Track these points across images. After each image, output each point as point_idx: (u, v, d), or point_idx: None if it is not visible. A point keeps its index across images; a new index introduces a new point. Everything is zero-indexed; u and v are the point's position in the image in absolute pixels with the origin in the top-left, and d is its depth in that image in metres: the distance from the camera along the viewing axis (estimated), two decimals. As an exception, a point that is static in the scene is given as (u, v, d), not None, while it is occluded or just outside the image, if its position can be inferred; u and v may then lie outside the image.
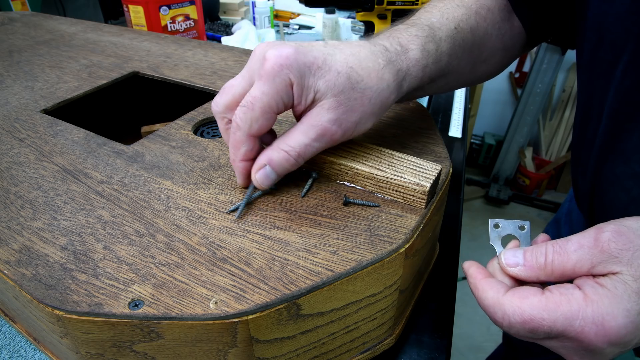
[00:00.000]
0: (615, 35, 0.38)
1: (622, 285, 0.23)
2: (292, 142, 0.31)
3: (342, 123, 0.31)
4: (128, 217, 0.32)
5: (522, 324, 0.24)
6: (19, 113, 0.47)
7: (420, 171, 0.33)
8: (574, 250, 0.25)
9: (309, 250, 0.29)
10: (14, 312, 0.33)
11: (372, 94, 0.31)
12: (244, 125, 0.30)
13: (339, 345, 0.32)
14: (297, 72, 0.29)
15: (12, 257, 0.29)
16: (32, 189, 0.35)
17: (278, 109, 0.30)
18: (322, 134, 0.30)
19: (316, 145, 0.31)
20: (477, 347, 1.48)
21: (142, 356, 0.27)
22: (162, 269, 0.28)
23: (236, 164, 0.33)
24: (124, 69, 0.58)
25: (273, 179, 0.32)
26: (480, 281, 0.28)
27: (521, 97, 2.00)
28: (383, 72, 0.32)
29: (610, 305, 0.23)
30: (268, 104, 0.29)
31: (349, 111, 0.31)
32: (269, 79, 0.29)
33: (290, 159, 0.31)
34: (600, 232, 0.25)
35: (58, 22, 0.80)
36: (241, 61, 0.60)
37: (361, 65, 0.31)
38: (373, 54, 0.32)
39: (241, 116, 0.30)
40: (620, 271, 0.24)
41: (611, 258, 0.24)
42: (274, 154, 0.31)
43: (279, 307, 0.26)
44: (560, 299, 0.24)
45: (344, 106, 0.30)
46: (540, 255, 0.26)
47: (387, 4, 0.59)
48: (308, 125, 0.30)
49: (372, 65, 0.32)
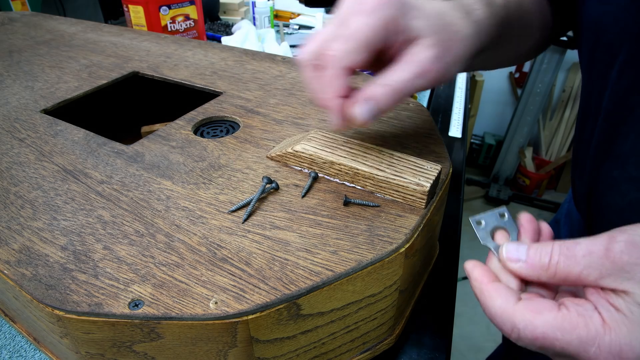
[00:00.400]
0: (612, 36, 0.38)
1: (637, 309, 0.21)
2: (394, 77, 0.29)
3: (440, 62, 0.30)
4: (128, 217, 0.32)
5: (533, 340, 0.23)
6: (19, 113, 0.47)
7: (420, 171, 0.33)
8: (582, 255, 0.23)
9: (309, 250, 0.29)
10: (14, 312, 0.33)
11: (462, 37, 0.32)
12: (342, 56, 0.28)
13: (339, 345, 0.32)
14: (399, 9, 0.29)
15: (12, 257, 0.29)
16: (32, 189, 0.35)
17: (376, 44, 0.29)
18: (423, 72, 0.29)
19: (417, 82, 0.30)
20: (477, 347, 1.48)
21: (142, 356, 0.27)
22: (162, 269, 0.28)
23: (330, 102, 0.30)
24: (124, 69, 0.58)
25: (374, 114, 0.30)
26: (486, 286, 0.26)
27: (521, 97, 2.00)
28: (467, 20, 0.33)
29: (629, 335, 0.21)
30: (368, 35, 0.28)
31: (446, 51, 0.30)
32: (372, 12, 0.28)
33: (393, 94, 0.29)
34: (613, 242, 0.23)
35: (58, 22, 0.80)
36: (241, 61, 0.60)
37: (449, 12, 0.32)
38: (454, 7, 0.33)
39: (339, 47, 0.29)
40: (632, 291, 0.22)
41: (622, 272, 0.22)
42: (376, 88, 0.29)
43: (279, 307, 0.26)
44: (577, 321, 0.22)
45: (441, 46, 0.30)
46: (545, 254, 0.25)
47: (387, 4, 0.59)
48: (409, 62, 0.29)
49: (457, 14, 0.32)
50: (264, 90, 0.51)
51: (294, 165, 0.37)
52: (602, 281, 0.22)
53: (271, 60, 0.60)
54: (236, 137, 0.42)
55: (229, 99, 0.49)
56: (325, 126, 0.43)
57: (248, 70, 0.57)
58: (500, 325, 0.24)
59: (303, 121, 0.44)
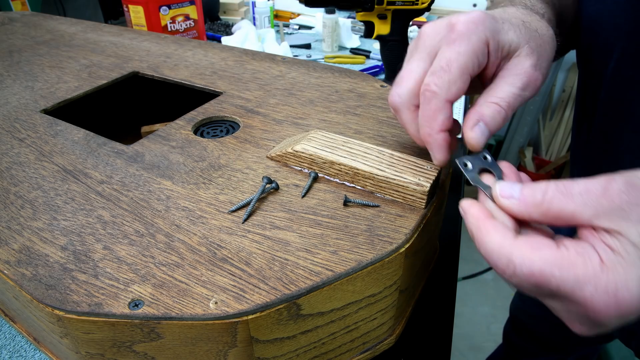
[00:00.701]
0: (607, 34, 0.38)
1: (632, 249, 0.21)
2: (500, 93, 0.29)
3: (540, 68, 0.30)
4: (128, 217, 0.32)
5: (529, 276, 0.22)
6: (19, 113, 0.47)
7: (420, 171, 0.33)
8: (578, 193, 0.22)
9: (309, 250, 0.29)
10: (14, 312, 0.33)
11: (548, 39, 0.32)
12: (441, 90, 0.29)
13: (339, 345, 0.32)
14: (491, 28, 0.29)
15: (12, 257, 0.29)
16: (32, 189, 0.35)
17: (474, 70, 0.29)
18: (528, 81, 0.30)
19: (524, 94, 0.30)
20: (477, 347, 1.47)
21: (142, 356, 0.27)
22: (162, 269, 0.28)
23: (434, 137, 0.30)
24: (124, 69, 0.58)
25: (487, 136, 0.30)
26: (483, 222, 0.25)
27: (521, 97, 2.00)
28: (544, 22, 0.33)
29: (625, 275, 0.20)
30: (465, 63, 0.28)
31: (541, 57, 0.31)
32: (464, 38, 0.28)
33: (502, 111, 0.29)
34: (612, 181, 0.22)
35: (58, 22, 0.80)
36: (241, 61, 0.60)
37: (528, 18, 0.32)
38: (528, 12, 0.34)
39: (436, 81, 0.29)
40: (626, 231, 0.21)
41: (619, 211, 0.21)
42: (484, 108, 0.29)
43: (279, 307, 0.26)
44: (576, 259, 0.21)
45: (536, 52, 0.30)
46: (539, 191, 0.24)
47: (387, 4, 0.59)
48: (512, 75, 0.30)
49: (535, 18, 0.33)
50: (264, 90, 0.51)
51: (294, 165, 0.37)
52: (596, 220, 0.22)
53: (271, 60, 0.60)
54: (236, 137, 0.42)
55: (229, 99, 0.49)
56: (325, 126, 0.43)
57: (248, 70, 0.57)
58: (495, 261, 0.23)
59: (303, 121, 0.44)
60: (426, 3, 0.57)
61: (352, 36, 1.14)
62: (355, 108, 0.46)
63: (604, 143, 0.41)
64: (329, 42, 1.09)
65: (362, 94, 0.50)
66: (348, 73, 0.55)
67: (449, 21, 0.30)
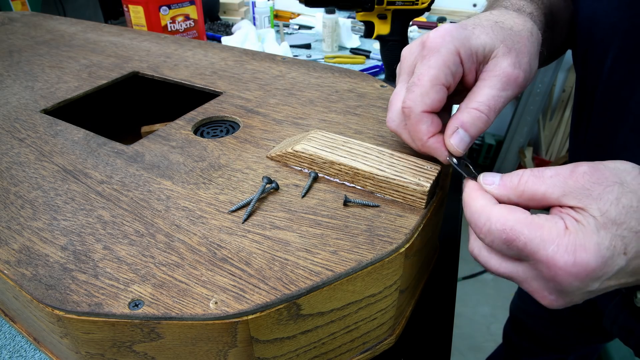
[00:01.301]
0: (603, 32, 0.38)
1: (592, 220, 0.24)
2: (480, 98, 0.30)
3: (519, 65, 0.31)
4: (128, 217, 0.32)
5: (501, 232, 0.25)
6: (19, 113, 0.47)
7: (420, 171, 0.33)
8: (549, 176, 0.25)
9: (309, 250, 0.29)
10: (14, 312, 0.33)
11: (527, 34, 0.32)
12: (415, 104, 0.30)
13: (339, 345, 0.32)
14: (460, 39, 0.30)
15: (12, 257, 0.29)
16: (32, 189, 0.35)
17: (447, 80, 0.30)
18: (507, 81, 0.30)
19: (504, 94, 0.31)
20: (477, 347, 1.47)
21: (142, 356, 0.27)
22: (162, 269, 0.28)
23: (426, 145, 0.32)
24: (124, 69, 0.58)
25: (468, 142, 0.31)
26: (475, 191, 0.28)
27: (521, 97, 2.00)
28: (522, 17, 0.34)
29: (584, 238, 0.23)
30: (436, 75, 0.30)
31: (520, 53, 0.31)
32: (434, 52, 0.30)
33: (482, 116, 0.30)
34: (578, 166, 0.25)
35: (58, 22, 0.80)
36: (241, 61, 0.60)
37: (501, 18, 0.33)
38: (501, 11, 0.35)
39: (410, 96, 0.30)
40: (588, 206, 0.24)
41: (582, 190, 0.24)
42: (464, 115, 0.30)
43: (279, 307, 0.26)
44: (544, 223, 0.24)
45: (514, 50, 0.31)
46: (515, 176, 0.27)
47: (387, 4, 0.59)
48: (490, 77, 0.31)
49: (509, 16, 0.34)
50: (264, 90, 0.51)
51: (294, 165, 0.37)
52: (564, 198, 0.25)
53: (271, 60, 0.60)
54: (236, 137, 0.42)
55: (229, 99, 0.49)
56: (325, 126, 0.43)
57: (248, 70, 0.57)
58: (475, 220, 0.26)
59: (303, 121, 0.44)
60: (426, 3, 0.57)
61: (352, 36, 1.14)
62: (355, 108, 0.46)
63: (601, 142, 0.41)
64: (329, 42, 1.09)
65: (362, 94, 0.50)
66: (348, 73, 0.55)
67: (420, 40, 0.32)
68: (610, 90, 0.39)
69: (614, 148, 0.39)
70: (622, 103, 0.38)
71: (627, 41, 0.36)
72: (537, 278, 0.25)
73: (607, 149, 0.40)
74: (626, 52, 0.37)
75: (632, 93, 0.37)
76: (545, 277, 0.24)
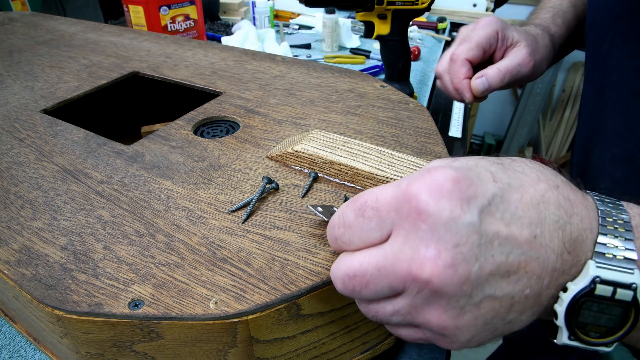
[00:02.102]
0: (602, 18, 0.40)
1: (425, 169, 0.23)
2: (502, 64, 0.45)
3: (533, 57, 0.45)
4: (128, 217, 0.32)
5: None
6: (19, 113, 0.47)
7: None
8: None
9: (309, 250, 0.29)
10: (14, 312, 0.33)
11: (544, 45, 0.48)
12: (461, 53, 0.45)
13: (339, 345, 0.32)
14: (501, 25, 0.45)
15: (12, 257, 0.29)
16: (32, 189, 0.35)
17: (485, 46, 0.45)
18: (522, 61, 0.45)
19: (519, 69, 0.44)
20: (477, 347, 1.48)
21: (142, 356, 0.27)
22: (162, 269, 0.28)
23: (461, 82, 0.45)
24: (124, 69, 0.58)
25: (485, 87, 0.44)
26: None
27: (521, 97, 2.00)
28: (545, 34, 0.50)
29: (430, 168, 0.20)
30: (479, 40, 0.45)
31: (535, 51, 0.46)
32: (483, 26, 0.45)
33: (500, 73, 0.44)
34: None
35: (58, 22, 0.80)
36: (241, 61, 0.60)
37: (533, 30, 0.49)
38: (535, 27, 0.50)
39: (459, 48, 0.45)
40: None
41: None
42: (488, 70, 0.45)
43: (279, 307, 0.26)
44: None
45: (532, 47, 0.46)
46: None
47: (387, 4, 0.59)
48: (512, 56, 0.45)
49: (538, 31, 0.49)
50: (264, 90, 0.51)
51: (294, 165, 0.37)
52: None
53: (271, 60, 0.60)
54: (236, 137, 0.42)
55: (229, 99, 0.49)
56: (325, 126, 0.43)
57: (248, 70, 0.57)
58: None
59: (303, 121, 0.44)
60: (426, 3, 0.57)
61: (352, 36, 1.14)
62: (355, 108, 0.46)
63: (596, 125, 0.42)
64: (329, 42, 1.08)
65: (362, 94, 0.50)
66: (348, 73, 0.55)
67: (476, 21, 0.47)
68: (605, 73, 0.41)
69: (606, 131, 0.41)
70: (616, 88, 0.39)
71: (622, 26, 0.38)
72: (407, 230, 0.20)
73: (601, 132, 0.42)
74: (621, 36, 0.39)
75: (621, 76, 0.39)
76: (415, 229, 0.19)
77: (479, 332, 0.21)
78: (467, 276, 0.19)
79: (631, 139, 0.39)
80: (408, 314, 0.21)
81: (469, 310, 0.20)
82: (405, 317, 0.22)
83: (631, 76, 0.38)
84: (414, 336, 0.23)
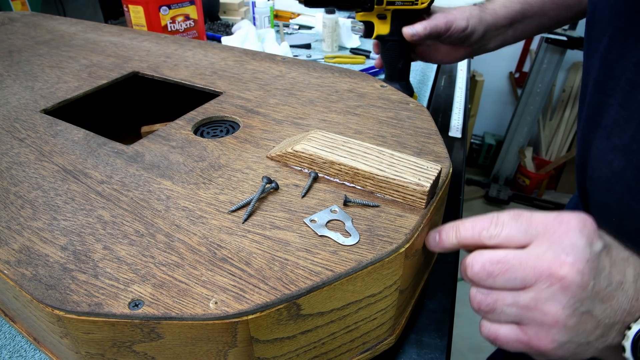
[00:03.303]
0: (602, 13, 0.40)
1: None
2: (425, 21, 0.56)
3: (445, 16, 0.55)
4: (128, 217, 0.32)
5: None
6: (19, 113, 0.47)
7: (420, 171, 0.33)
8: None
9: (309, 250, 0.29)
10: (14, 312, 0.33)
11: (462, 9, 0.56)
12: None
13: (339, 345, 0.32)
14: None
15: (12, 257, 0.29)
16: (32, 189, 0.35)
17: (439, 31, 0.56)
18: (436, 18, 0.55)
19: (432, 24, 0.55)
20: (477, 347, 1.48)
21: (142, 356, 0.27)
22: (162, 269, 0.28)
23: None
24: (124, 69, 0.58)
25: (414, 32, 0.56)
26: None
27: (521, 97, 2.00)
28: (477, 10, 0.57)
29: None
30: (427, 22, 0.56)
31: (448, 12, 0.56)
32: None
33: (422, 25, 0.56)
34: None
35: (58, 22, 0.80)
36: (241, 61, 0.60)
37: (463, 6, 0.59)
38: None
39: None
40: None
41: None
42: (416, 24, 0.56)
43: (279, 307, 0.26)
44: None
45: (446, 12, 0.56)
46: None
47: (387, 4, 0.59)
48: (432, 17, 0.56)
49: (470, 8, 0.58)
50: (264, 90, 0.51)
51: (294, 165, 0.37)
52: None
53: (271, 60, 0.60)
54: (236, 137, 0.42)
55: (229, 99, 0.49)
56: (325, 126, 0.43)
57: (248, 70, 0.57)
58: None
59: (303, 121, 0.44)
60: (426, 3, 0.57)
61: (352, 36, 1.14)
62: (355, 108, 0.46)
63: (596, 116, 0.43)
64: (329, 42, 1.08)
65: (362, 94, 0.50)
66: (348, 73, 0.55)
67: None
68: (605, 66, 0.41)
69: (606, 122, 0.41)
70: (616, 79, 0.40)
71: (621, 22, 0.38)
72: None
73: (601, 122, 0.42)
74: (621, 31, 0.39)
75: (621, 72, 0.39)
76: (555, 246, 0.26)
77: (571, 339, 0.26)
78: (586, 285, 0.25)
79: (629, 129, 0.39)
80: (526, 306, 0.26)
81: (576, 315, 0.25)
82: (521, 309, 0.26)
83: (631, 70, 0.39)
84: (511, 336, 0.28)
